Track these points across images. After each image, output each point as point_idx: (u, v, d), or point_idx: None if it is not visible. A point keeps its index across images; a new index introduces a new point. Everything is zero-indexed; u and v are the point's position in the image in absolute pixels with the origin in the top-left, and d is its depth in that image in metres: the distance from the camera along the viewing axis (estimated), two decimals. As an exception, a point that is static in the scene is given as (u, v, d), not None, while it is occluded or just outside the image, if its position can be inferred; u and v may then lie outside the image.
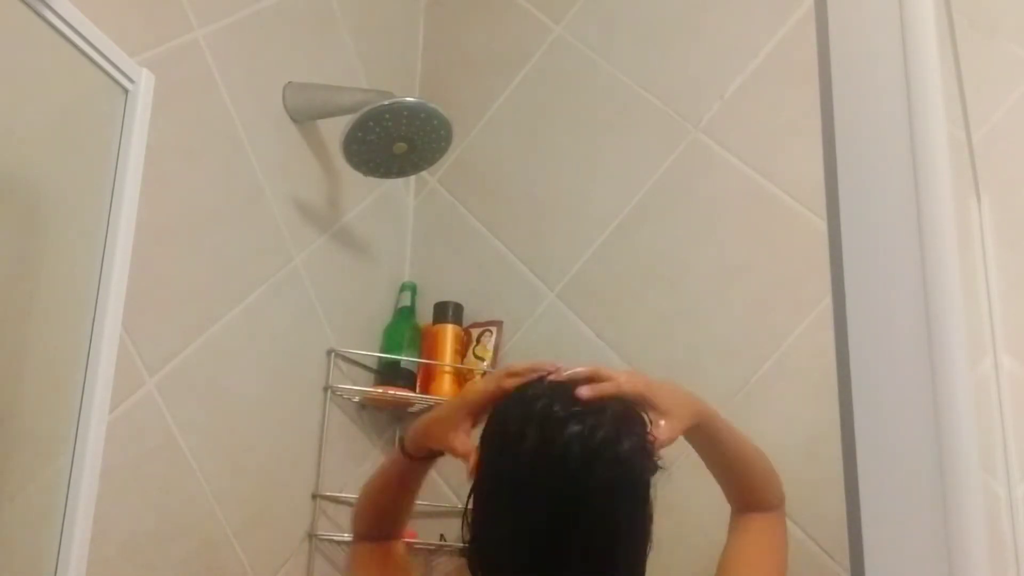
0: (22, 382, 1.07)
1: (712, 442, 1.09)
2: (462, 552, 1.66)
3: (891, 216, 0.52)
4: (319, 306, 1.67)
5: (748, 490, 1.13)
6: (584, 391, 0.95)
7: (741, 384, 1.56)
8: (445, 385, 1.78)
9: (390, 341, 1.81)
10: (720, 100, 1.73)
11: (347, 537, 1.61)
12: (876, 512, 0.49)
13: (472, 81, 2.01)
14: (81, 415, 1.11)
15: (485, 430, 1.02)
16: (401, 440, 1.06)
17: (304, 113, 1.64)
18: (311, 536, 1.60)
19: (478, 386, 1.00)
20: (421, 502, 1.78)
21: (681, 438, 1.03)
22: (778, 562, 1.10)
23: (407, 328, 1.82)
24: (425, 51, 2.09)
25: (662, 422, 0.98)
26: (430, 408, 1.79)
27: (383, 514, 1.16)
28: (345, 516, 1.67)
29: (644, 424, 0.98)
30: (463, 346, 1.82)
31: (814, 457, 1.39)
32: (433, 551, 1.75)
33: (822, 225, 0.50)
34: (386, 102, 1.50)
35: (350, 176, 1.67)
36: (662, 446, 0.98)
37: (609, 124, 1.84)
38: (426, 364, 1.80)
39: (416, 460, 1.11)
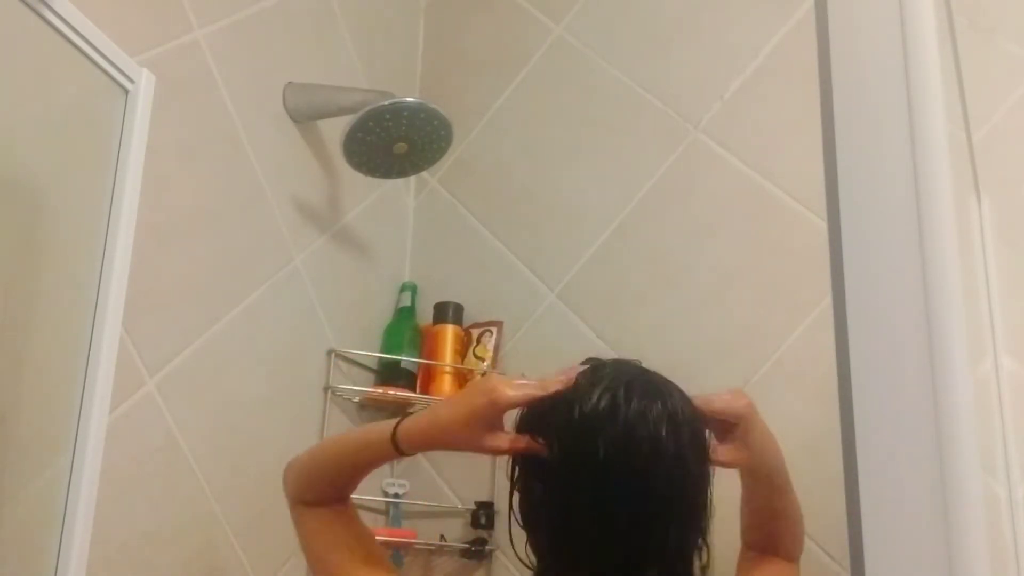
0: (22, 382, 1.07)
1: (768, 489, 1.09)
2: (465, 553, 1.67)
3: (891, 216, 0.52)
4: (319, 306, 1.67)
5: (777, 540, 1.12)
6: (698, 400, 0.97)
7: (741, 384, 1.56)
8: (445, 385, 1.78)
9: (390, 341, 1.81)
10: (720, 100, 1.73)
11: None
12: (876, 512, 0.48)
13: (472, 81, 2.01)
14: (81, 415, 1.11)
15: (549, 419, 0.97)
16: (393, 437, 0.99)
17: (304, 113, 1.64)
18: (311, 536, 1.60)
19: (511, 391, 0.96)
20: (421, 502, 1.79)
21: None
22: None
23: (407, 328, 1.82)
24: (425, 51, 2.09)
25: (729, 445, 0.98)
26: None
27: (343, 484, 1.09)
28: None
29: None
30: (463, 346, 1.82)
31: (814, 457, 1.38)
32: (433, 551, 1.75)
33: (822, 225, 0.50)
34: (386, 102, 1.50)
35: (350, 176, 1.67)
36: (720, 465, 0.98)
37: (609, 124, 1.84)
38: (426, 364, 1.80)
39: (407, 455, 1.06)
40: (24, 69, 1.09)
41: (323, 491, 1.09)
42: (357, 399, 1.74)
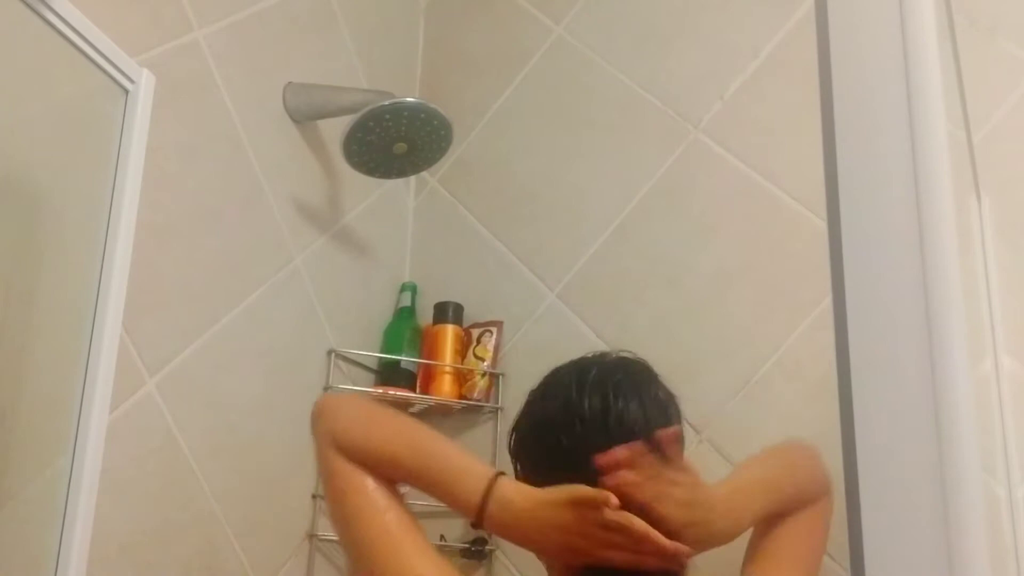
0: (22, 382, 1.07)
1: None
2: (465, 553, 1.67)
3: (891, 216, 0.52)
4: (319, 306, 1.67)
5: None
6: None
7: (741, 384, 1.56)
8: (445, 385, 1.78)
9: (390, 341, 1.81)
10: (720, 100, 1.73)
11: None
12: (876, 512, 0.48)
13: (472, 81, 2.01)
14: (81, 415, 1.11)
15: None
16: (479, 513, 1.01)
17: (304, 113, 1.64)
18: (311, 536, 1.59)
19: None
20: (421, 502, 1.78)
21: None
22: (814, 565, 1.08)
23: (407, 328, 1.82)
24: (425, 51, 2.09)
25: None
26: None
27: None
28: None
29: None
30: (463, 346, 1.82)
31: (814, 457, 1.38)
32: (433, 551, 1.75)
33: (822, 225, 0.50)
34: (386, 102, 1.50)
35: (350, 176, 1.67)
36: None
37: (609, 124, 1.84)
38: (426, 364, 1.80)
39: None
40: (24, 69, 1.09)
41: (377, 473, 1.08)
42: (357, 399, 1.74)
